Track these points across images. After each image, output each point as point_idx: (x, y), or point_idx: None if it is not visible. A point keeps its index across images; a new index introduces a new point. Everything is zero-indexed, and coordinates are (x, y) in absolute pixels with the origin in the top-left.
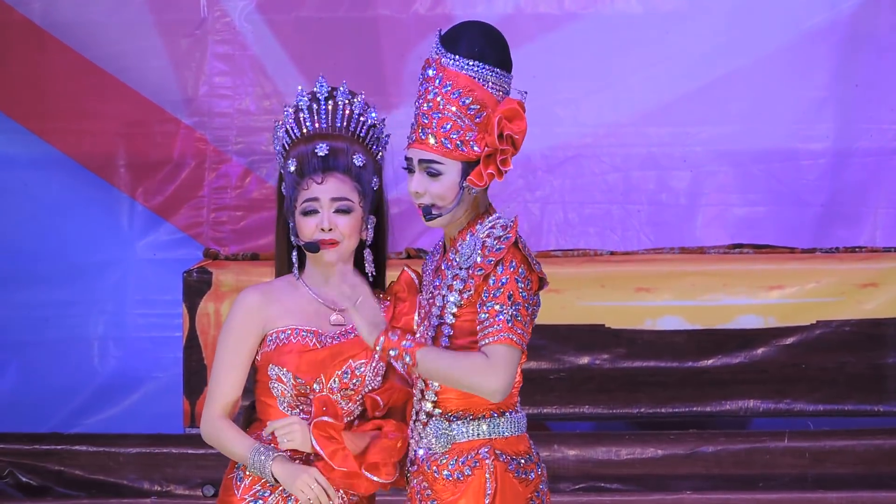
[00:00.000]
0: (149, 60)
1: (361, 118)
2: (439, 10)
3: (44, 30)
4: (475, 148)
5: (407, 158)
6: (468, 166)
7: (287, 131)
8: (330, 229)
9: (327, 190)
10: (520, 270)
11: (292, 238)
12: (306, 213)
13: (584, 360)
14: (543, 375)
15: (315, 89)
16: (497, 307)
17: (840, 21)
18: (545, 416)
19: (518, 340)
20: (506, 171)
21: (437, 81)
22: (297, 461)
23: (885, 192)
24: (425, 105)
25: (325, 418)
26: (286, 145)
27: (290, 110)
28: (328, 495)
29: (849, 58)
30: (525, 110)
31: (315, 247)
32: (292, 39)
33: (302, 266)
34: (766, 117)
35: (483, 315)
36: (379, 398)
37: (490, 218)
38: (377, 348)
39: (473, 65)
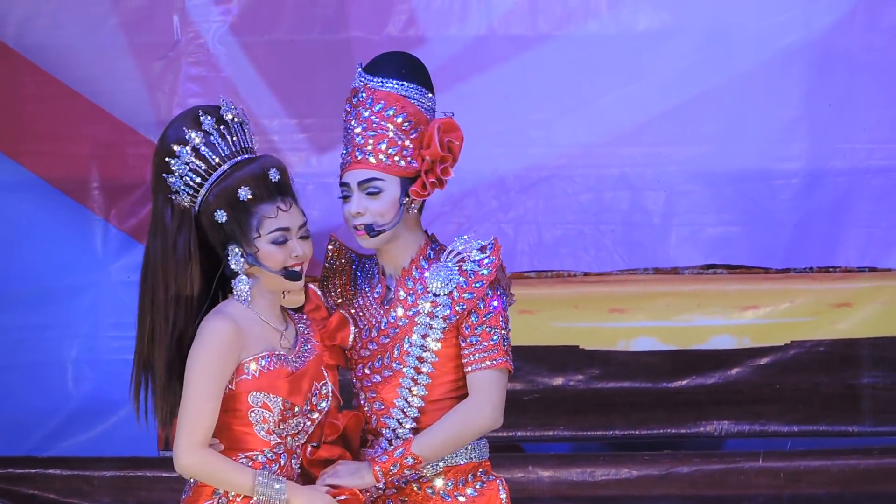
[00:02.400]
0: (122, 82)
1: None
2: (412, 32)
3: (17, 52)
4: (413, 163)
5: (343, 185)
6: (406, 182)
7: (200, 159)
8: (296, 255)
9: (294, 217)
10: (502, 292)
11: (266, 267)
12: (278, 242)
13: (558, 381)
14: (517, 397)
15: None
16: (488, 330)
17: (813, 41)
18: (519, 437)
19: (511, 363)
20: (446, 180)
21: (369, 103)
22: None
23: (859, 211)
24: (358, 127)
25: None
26: (200, 170)
27: (193, 140)
28: None
29: (822, 77)
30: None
31: (299, 275)
32: (266, 61)
33: (215, 299)
34: (740, 137)
35: (474, 338)
36: (338, 422)
37: (454, 244)
38: (382, 481)
39: (399, 83)
